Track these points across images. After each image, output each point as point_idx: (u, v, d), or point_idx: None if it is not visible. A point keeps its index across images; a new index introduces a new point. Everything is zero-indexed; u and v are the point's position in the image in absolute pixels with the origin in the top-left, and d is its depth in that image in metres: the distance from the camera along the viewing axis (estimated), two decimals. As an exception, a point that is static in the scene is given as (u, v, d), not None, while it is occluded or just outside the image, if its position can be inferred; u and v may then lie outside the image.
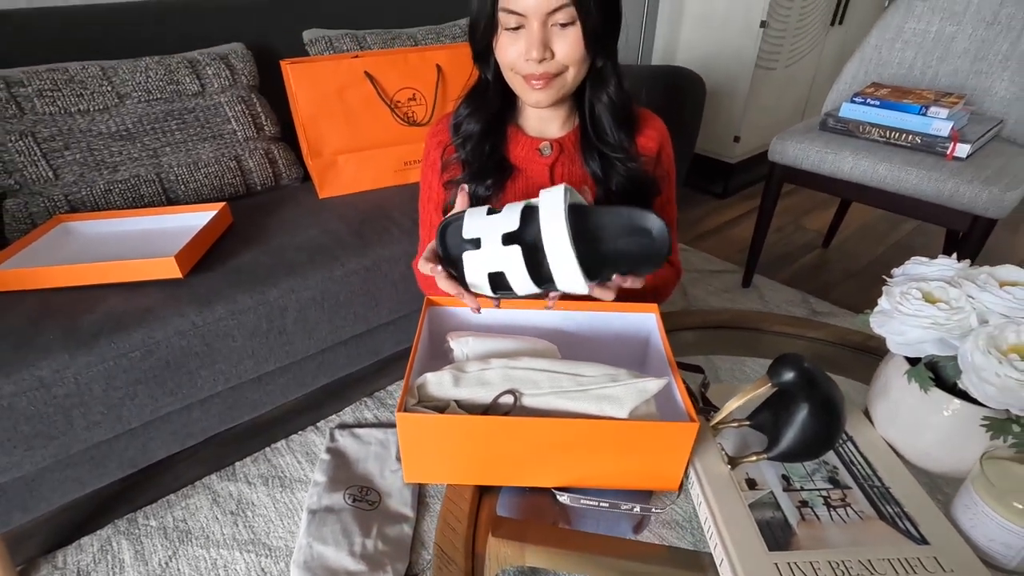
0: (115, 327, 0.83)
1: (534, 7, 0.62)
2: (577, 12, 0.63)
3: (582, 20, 0.64)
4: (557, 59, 0.66)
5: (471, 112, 0.77)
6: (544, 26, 0.64)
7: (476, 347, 0.67)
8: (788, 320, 0.93)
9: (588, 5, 0.63)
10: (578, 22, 0.64)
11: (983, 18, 1.48)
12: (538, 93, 0.69)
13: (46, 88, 1.06)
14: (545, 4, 0.62)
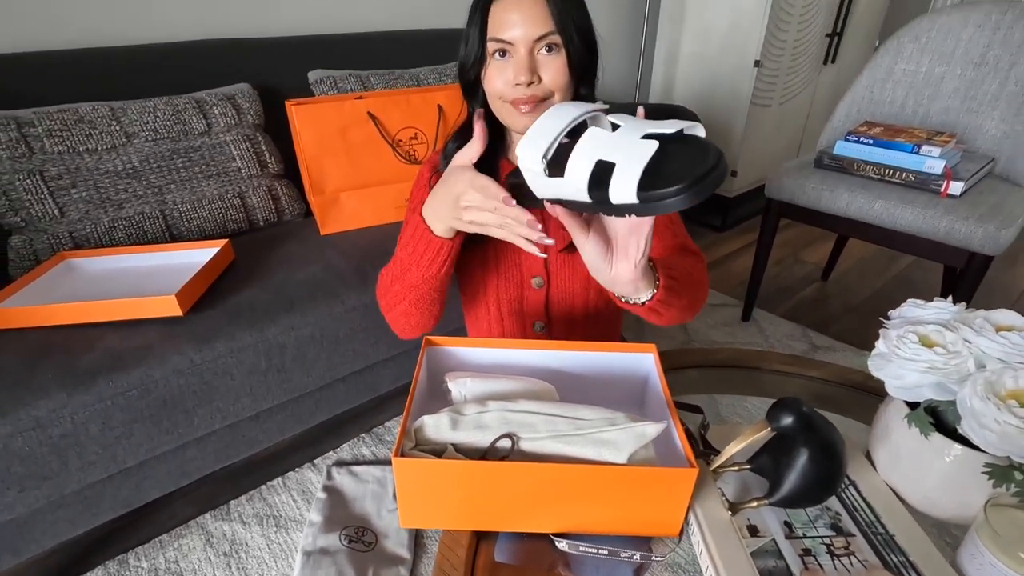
0: (114, 366, 0.83)
1: (521, 35, 0.65)
2: (561, 39, 0.66)
3: (566, 47, 0.66)
4: (544, 83, 0.68)
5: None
6: (531, 53, 0.66)
7: (474, 388, 0.67)
8: (787, 359, 0.93)
9: (571, 34, 0.66)
10: (563, 49, 0.66)
11: (971, 59, 1.52)
12: (526, 117, 0.70)
13: (56, 128, 1.08)
14: (532, 31, 0.64)
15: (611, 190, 0.45)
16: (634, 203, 0.44)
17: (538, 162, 0.51)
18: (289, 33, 1.53)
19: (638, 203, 0.44)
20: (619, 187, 0.44)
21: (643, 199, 0.44)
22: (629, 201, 0.44)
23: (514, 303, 0.83)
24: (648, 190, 0.44)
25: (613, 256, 0.56)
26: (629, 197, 0.44)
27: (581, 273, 0.80)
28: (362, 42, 1.57)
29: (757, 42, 2.09)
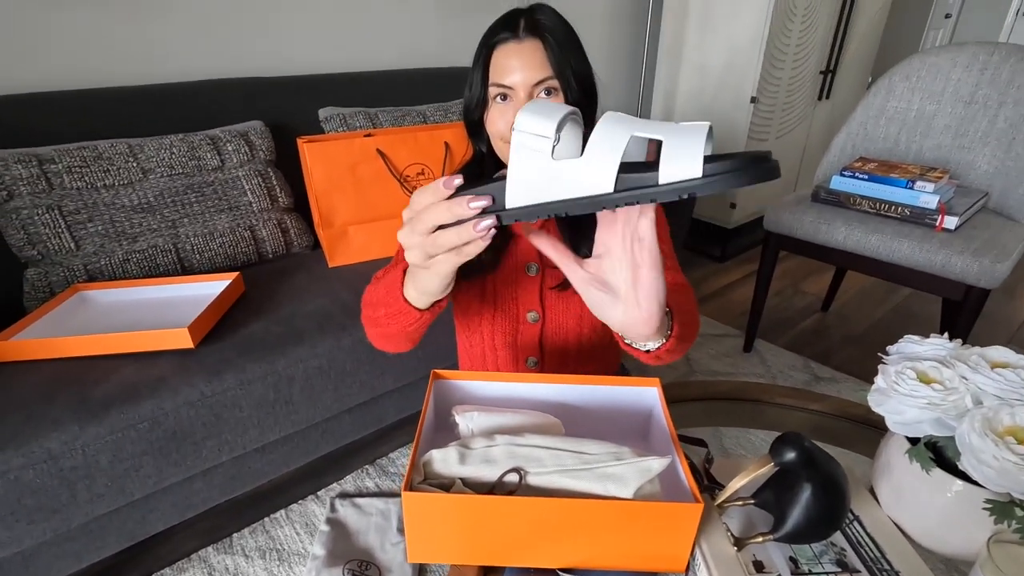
0: (126, 398, 0.85)
1: (520, 80, 0.68)
2: (559, 84, 0.69)
3: (564, 92, 0.69)
4: None
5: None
6: (530, 96, 0.69)
7: (481, 422, 0.68)
8: (789, 392, 0.94)
9: (569, 79, 0.69)
10: (561, 93, 0.69)
11: (961, 98, 1.57)
12: None
13: (75, 165, 1.12)
14: (530, 76, 0.68)
15: (664, 166, 0.36)
16: (695, 178, 0.35)
17: (550, 130, 0.39)
18: (300, 72, 1.59)
19: (700, 177, 0.35)
20: (676, 161, 0.36)
21: (708, 172, 0.35)
22: (690, 176, 0.35)
23: (508, 336, 0.84)
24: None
25: (620, 300, 0.49)
26: (690, 171, 0.35)
27: (575, 310, 0.81)
28: (371, 80, 1.62)
29: (753, 79, 2.15)
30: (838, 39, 2.40)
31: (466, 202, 0.43)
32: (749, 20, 2.10)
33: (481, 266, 0.79)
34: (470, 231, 0.43)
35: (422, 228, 0.45)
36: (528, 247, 0.80)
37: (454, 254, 0.46)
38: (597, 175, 0.38)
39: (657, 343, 0.60)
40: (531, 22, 0.69)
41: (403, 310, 0.60)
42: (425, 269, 0.49)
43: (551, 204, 0.40)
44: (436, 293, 0.55)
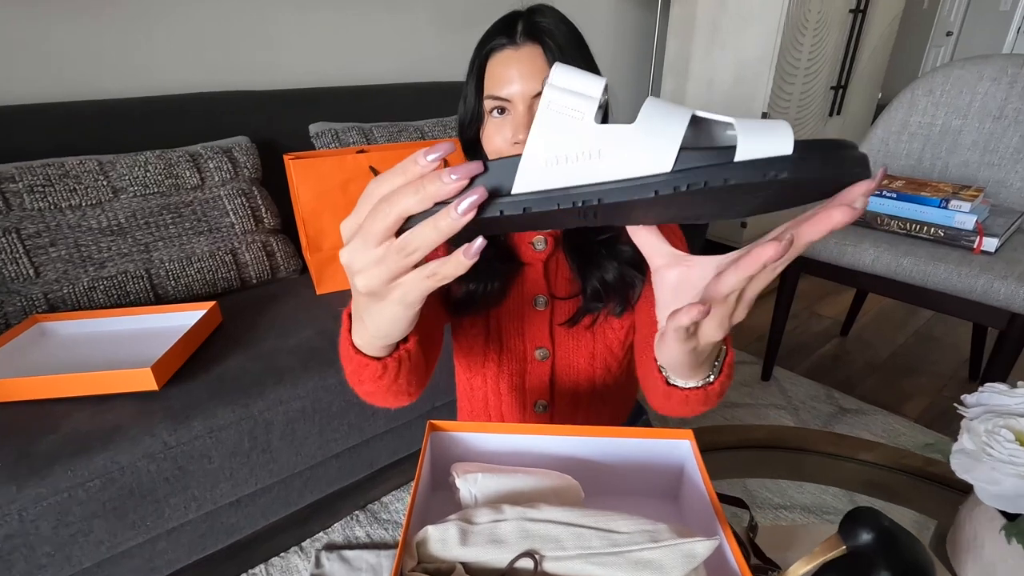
0: (75, 450, 0.74)
1: (519, 91, 0.59)
2: None
3: None
4: None
5: None
6: (530, 109, 0.60)
7: (485, 486, 0.57)
8: (833, 439, 0.83)
9: None
10: None
11: (989, 112, 1.48)
12: None
13: (37, 183, 1.02)
14: (529, 87, 0.59)
15: (743, 140, 0.27)
16: (784, 154, 0.26)
17: (597, 89, 0.29)
18: (291, 86, 1.50)
19: (792, 153, 0.26)
20: (757, 135, 0.27)
21: (802, 149, 0.26)
22: (781, 152, 0.26)
23: (515, 377, 0.74)
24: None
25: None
26: (778, 145, 0.26)
27: (587, 348, 0.72)
28: (365, 95, 1.54)
29: (764, 94, 2.07)
30: (849, 54, 2.33)
31: (445, 175, 0.28)
32: (759, 34, 2.03)
33: (486, 299, 0.69)
34: (451, 217, 0.28)
35: (380, 229, 0.29)
36: (537, 277, 0.70)
37: (427, 275, 0.31)
38: (652, 149, 0.27)
39: (704, 377, 0.48)
40: (530, 25, 0.60)
41: (360, 363, 0.45)
42: (380, 300, 0.33)
43: (579, 188, 0.28)
44: (395, 334, 0.38)
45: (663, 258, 0.37)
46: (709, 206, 0.31)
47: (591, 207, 0.28)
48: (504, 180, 0.29)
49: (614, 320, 0.71)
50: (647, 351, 0.63)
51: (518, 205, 0.28)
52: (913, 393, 1.67)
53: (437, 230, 0.28)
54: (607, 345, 0.72)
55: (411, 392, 0.56)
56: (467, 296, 0.68)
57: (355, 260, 0.31)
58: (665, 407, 0.54)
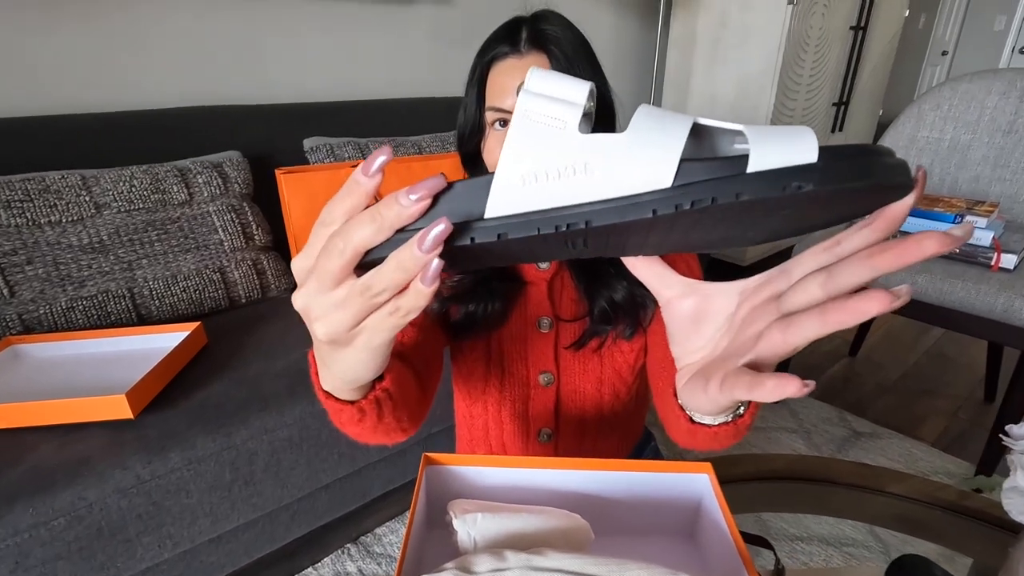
0: (39, 486, 0.68)
1: None
2: None
3: None
4: None
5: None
6: None
7: (486, 527, 0.51)
8: (858, 470, 0.77)
9: None
10: None
11: (999, 127, 1.45)
12: None
13: (16, 199, 0.97)
14: None
15: (756, 149, 0.22)
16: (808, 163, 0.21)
17: (581, 95, 0.25)
18: (286, 100, 1.47)
19: (816, 162, 0.21)
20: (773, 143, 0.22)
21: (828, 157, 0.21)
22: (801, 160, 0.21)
23: (517, 404, 0.69)
24: None
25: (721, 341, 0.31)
26: (799, 154, 0.21)
27: (594, 372, 0.67)
28: (361, 110, 1.50)
29: (767, 109, 2.05)
30: (850, 70, 2.32)
31: (402, 195, 0.23)
32: (760, 49, 2.02)
33: (486, 321, 0.64)
34: (414, 255, 0.23)
35: (335, 269, 0.25)
36: (541, 298, 0.65)
37: (389, 312, 0.26)
38: (648, 161, 0.23)
39: (731, 416, 0.41)
40: (535, 33, 0.57)
41: (334, 409, 0.40)
42: (344, 347, 0.29)
43: (563, 210, 0.23)
44: (366, 378, 0.33)
45: (672, 288, 0.32)
46: (718, 230, 0.26)
47: (578, 231, 0.23)
48: (475, 202, 0.24)
49: (623, 343, 0.66)
50: (665, 381, 0.57)
51: (491, 231, 0.23)
52: (927, 415, 1.61)
53: (403, 270, 0.24)
54: (616, 369, 0.67)
55: (404, 428, 0.50)
56: (466, 318, 0.63)
57: (312, 305, 0.26)
58: (690, 443, 0.48)
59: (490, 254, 0.26)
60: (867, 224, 0.25)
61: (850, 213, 0.26)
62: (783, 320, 0.25)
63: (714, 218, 0.23)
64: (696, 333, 0.32)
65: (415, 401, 0.51)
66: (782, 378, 0.24)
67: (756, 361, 0.27)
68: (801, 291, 0.25)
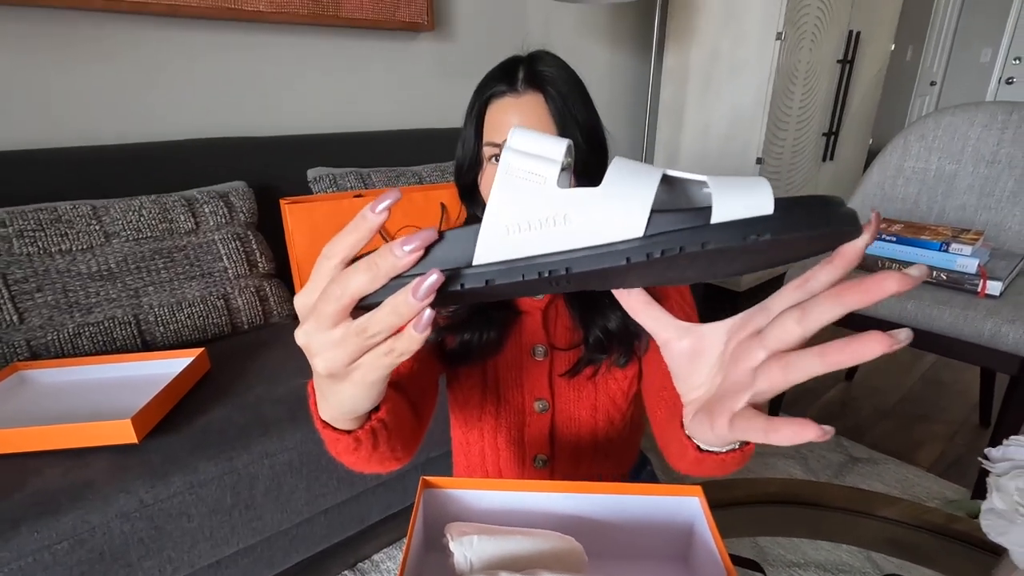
0: (43, 510, 0.69)
1: None
2: None
3: None
4: None
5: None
6: None
7: (481, 549, 0.53)
8: (851, 494, 0.78)
9: (574, 134, 0.60)
10: None
11: (983, 157, 1.49)
12: None
13: (28, 228, 1.00)
14: None
15: (719, 201, 0.25)
16: (765, 214, 0.24)
17: (559, 152, 0.27)
18: (290, 132, 1.52)
19: (773, 213, 0.24)
20: (735, 195, 0.25)
21: (783, 207, 0.24)
22: (761, 212, 0.24)
23: (513, 431, 0.70)
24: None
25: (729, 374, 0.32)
26: (758, 205, 0.24)
27: (588, 399, 0.69)
28: (363, 141, 1.55)
29: (758, 140, 2.11)
30: (839, 101, 2.39)
31: (397, 247, 0.26)
32: (751, 82, 2.08)
33: (482, 349, 0.66)
34: (409, 303, 0.26)
35: (332, 312, 0.27)
36: (536, 327, 0.67)
37: (384, 353, 0.28)
38: (622, 213, 0.25)
39: (739, 443, 0.42)
40: (531, 73, 0.60)
41: (331, 438, 0.42)
42: (341, 380, 0.31)
43: (545, 258, 0.26)
44: (362, 409, 0.36)
45: (668, 331, 0.34)
46: (689, 272, 0.29)
47: (560, 277, 0.26)
48: (464, 250, 0.27)
49: (617, 370, 0.67)
50: (664, 411, 0.58)
51: (480, 278, 0.26)
52: (924, 440, 1.62)
53: (398, 315, 0.27)
54: (610, 396, 0.69)
55: (398, 457, 0.51)
56: (462, 347, 0.65)
57: (312, 343, 0.29)
58: (696, 471, 0.49)
59: (479, 296, 0.28)
60: (828, 262, 0.28)
61: (808, 253, 0.28)
62: (782, 358, 0.27)
63: (684, 263, 0.26)
64: (695, 371, 0.34)
65: (410, 430, 0.52)
66: (801, 425, 0.25)
67: (756, 396, 0.29)
68: (779, 327, 0.27)
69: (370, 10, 1.53)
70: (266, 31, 1.44)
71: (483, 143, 0.62)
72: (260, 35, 1.43)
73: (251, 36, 1.42)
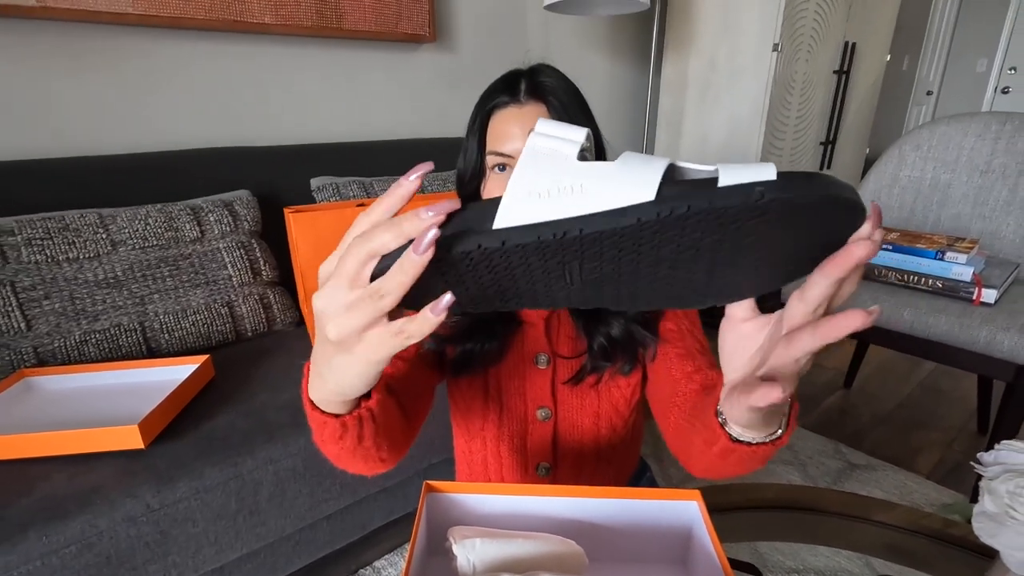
0: (51, 514, 0.70)
1: (522, 148, 0.60)
2: None
3: None
4: None
5: None
6: None
7: (484, 552, 0.54)
8: (848, 499, 0.79)
9: None
10: None
11: (976, 167, 1.51)
12: None
13: (36, 236, 1.02)
14: None
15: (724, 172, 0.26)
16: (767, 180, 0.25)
17: (580, 135, 0.30)
18: (294, 142, 1.54)
19: (775, 179, 0.25)
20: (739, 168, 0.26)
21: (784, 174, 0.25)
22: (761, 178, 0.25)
23: (516, 439, 0.71)
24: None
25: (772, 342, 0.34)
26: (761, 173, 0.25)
27: (591, 407, 0.70)
28: (365, 150, 1.57)
29: (756, 149, 2.13)
30: (835, 111, 2.41)
31: (422, 211, 0.28)
32: (748, 92, 2.11)
33: (483, 358, 0.67)
34: (411, 258, 0.27)
35: (353, 267, 0.29)
36: (538, 335, 0.68)
37: (394, 332, 0.30)
38: (634, 181, 0.27)
39: (769, 436, 0.42)
40: (533, 84, 0.61)
41: (319, 421, 0.42)
42: (348, 352, 0.32)
43: (563, 221, 0.27)
44: (354, 391, 0.36)
45: (744, 309, 0.38)
46: (702, 260, 0.29)
47: (572, 240, 0.27)
48: (485, 219, 0.28)
49: (620, 378, 0.68)
50: (675, 414, 0.59)
51: (496, 237, 0.27)
52: (922, 447, 1.63)
53: (403, 271, 0.28)
54: (612, 404, 0.70)
55: (383, 458, 0.52)
56: (463, 355, 0.66)
57: (328, 304, 0.30)
58: (718, 466, 0.49)
59: (493, 273, 0.29)
60: (820, 269, 0.29)
61: (809, 238, 0.29)
62: (788, 336, 0.31)
63: (693, 236, 0.27)
64: (744, 352, 0.38)
65: (398, 431, 0.53)
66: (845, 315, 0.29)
67: (769, 373, 0.33)
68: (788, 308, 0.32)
69: (373, 22, 1.56)
70: (270, 42, 1.46)
71: (486, 153, 0.63)
72: (264, 46, 1.46)
73: (255, 47, 1.45)
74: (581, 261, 0.29)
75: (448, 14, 1.78)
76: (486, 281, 0.30)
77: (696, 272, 0.31)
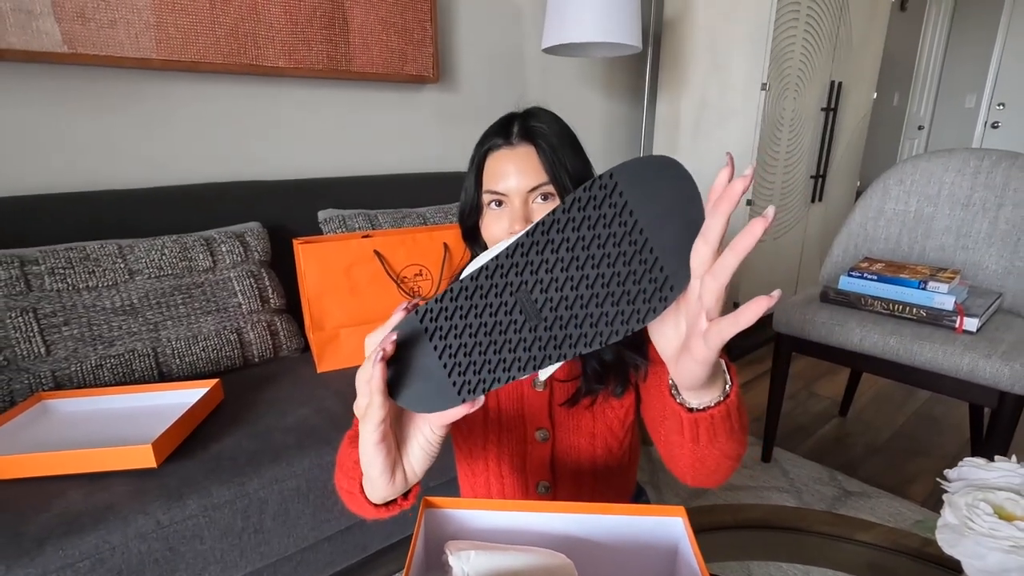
0: (67, 529, 0.73)
1: (515, 187, 0.65)
2: (555, 188, 0.65)
3: (560, 195, 0.66)
4: None
5: None
6: (525, 203, 0.65)
7: (479, 564, 0.57)
8: (830, 519, 0.82)
9: (564, 182, 0.65)
10: (557, 197, 0.66)
11: (957, 200, 1.57)
12: None
13: (59, 266, 1.08)
14: (524, 183, 0.65)
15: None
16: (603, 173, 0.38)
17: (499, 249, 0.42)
18: (302, 176, 1.61)
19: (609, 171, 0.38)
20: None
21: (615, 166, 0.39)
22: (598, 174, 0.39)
23: (516, 459, 0.75)
24: None
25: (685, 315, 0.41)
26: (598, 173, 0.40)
27: (587, 428, 0.74)
28: (371, 184, 1.64)
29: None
30: (824, 146, 2.50)
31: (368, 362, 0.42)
32: (739, 129, 2.19)
33: None
34: (368, 368, 0.42)
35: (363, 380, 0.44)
36: None
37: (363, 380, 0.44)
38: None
39: (716, 395, 0.47)
40: (524, 128, 0.67)
41: (358, 502, 0.54)
42: (363, 422, 0.45)
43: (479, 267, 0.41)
44: (374, 467, 0.48)
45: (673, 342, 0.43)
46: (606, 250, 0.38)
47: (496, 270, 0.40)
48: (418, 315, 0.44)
49: (614, 400, 0.72)
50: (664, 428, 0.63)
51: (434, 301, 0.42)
52: (917, 475, 1.64)
53: (364, 372, 0.44)
54: (607, 425, 0.74)
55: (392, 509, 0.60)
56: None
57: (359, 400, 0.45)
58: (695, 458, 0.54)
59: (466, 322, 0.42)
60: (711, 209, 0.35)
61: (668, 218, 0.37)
62: (709, 272, 0.36)
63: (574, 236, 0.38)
64: (666, 320, 0.43)
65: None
66: (755, 301, 0.34)
67: (709, 312, 0.37)
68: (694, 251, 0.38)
69: (380, 64, 1.65)
70: (282, 83, 1.55)
71: (483, 191, 0.68)
72: (276, 87, 1.55)
73: (268, 88, 1.53)
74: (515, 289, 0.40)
75: (451, 56, 1.88)
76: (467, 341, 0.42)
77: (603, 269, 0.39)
